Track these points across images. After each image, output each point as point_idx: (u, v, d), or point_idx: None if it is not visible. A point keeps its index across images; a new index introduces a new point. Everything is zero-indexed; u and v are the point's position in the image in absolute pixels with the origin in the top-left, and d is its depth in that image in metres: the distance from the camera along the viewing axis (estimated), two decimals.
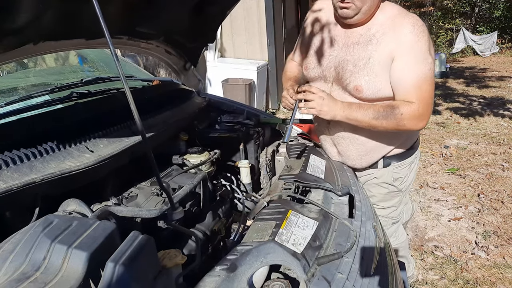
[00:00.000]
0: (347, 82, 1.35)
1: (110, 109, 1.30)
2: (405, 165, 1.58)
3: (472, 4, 14.47)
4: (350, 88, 1.35)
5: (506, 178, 3.47)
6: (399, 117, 1.27)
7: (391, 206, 1.66)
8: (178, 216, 0.88)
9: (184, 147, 1.48)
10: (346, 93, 1.38)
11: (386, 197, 1.63)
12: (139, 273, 0.67)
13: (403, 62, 1.27)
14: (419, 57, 1.27)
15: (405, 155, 1.56)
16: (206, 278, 0.77)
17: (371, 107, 1.31)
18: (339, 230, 1.01)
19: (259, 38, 5.94)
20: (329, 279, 0.80)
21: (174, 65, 1.98)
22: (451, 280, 2.22)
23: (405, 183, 1.63)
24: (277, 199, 1.15)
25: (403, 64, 1.27)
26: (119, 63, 0.70)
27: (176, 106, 1.59)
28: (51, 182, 0.90)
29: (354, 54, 1.33)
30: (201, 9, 1.61)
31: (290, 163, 1.41)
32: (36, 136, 1.00)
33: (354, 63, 1.33)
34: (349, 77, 1.34)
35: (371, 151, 1.50)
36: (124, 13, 1.29)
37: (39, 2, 0.94)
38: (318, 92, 1.31)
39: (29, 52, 1.19)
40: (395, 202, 1.66)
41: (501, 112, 5.64)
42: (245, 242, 0.88)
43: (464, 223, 2.81)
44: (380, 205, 1.64)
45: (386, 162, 1.55)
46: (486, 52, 11.78)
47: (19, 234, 0.74)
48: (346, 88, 1.37)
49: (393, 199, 1.64)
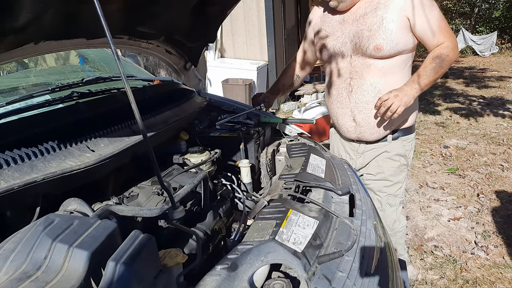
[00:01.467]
0: (366, 46, 1.52)
1: (111, 109, 1.30)
2: (410, 140, 1.74)
3: (472, 4, 14.48)
4: (370, 51, 1.52)
5: (505, 178, 3.48)
6: (447, 59, 1.49)
7: (399, 181, 1.77)
8: (179, 215, 0.88)
9: (184, 147, 1.48)
10: (367, 57, 1.55)
11: (397, 171, 1.75)
12: (140, 272, 0.67)
13: (422, 16, 1.48)
14: (430, 5, 1.48)
15: (410, 130, 1.73)
16: (207, 277, 0.77)
17: (426, 69, 1.50)
18: (340, 229, 1.01)
19: (259, 38, 5.95)
20: (329, 277, 0.80)
21: (174, 65, 1.99)
22: (451, 280, 2.22)
23: (409, 158, 1.77)
24: (277, 198, 1.15)
25: (423, 17, 1.48)
26: (120, 62, 0.70)
27: (177, 105, 1.59)
28: (52, 182, 0.90)
29: (366, 22, 1.52)
30: (202, 9, 1.62)
31: (290, 163, 1.41)
32: (37, 136, 1.00)
33: (369, 29, 1.51)
34: (367, 41, 1.52)
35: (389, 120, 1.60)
36: (125, 13, 1.29)
37: (40, 1, 0.94)
38: (388, 95, 1.48)
39: (29, 51, 1.19)
40: (402, 177, 1.77)
41: (501, 112, 5.64)
42: (245, 241, 0.88)
43: (464, 223, 2.81)
44: (390, 180, 1.75)
45: (395, 135, 1.71)
46: (486, 53, 11.79)
47: (20, 233, 0.74)
48: (365, 52, 1.54)
49: (401, 174, 1.76)
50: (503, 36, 13.31)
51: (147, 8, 1.37)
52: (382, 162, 1.74)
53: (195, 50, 1.94)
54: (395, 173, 1.75)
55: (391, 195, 1.78)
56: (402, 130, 1.72)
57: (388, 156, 1.73)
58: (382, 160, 1.74)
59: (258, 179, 1.60)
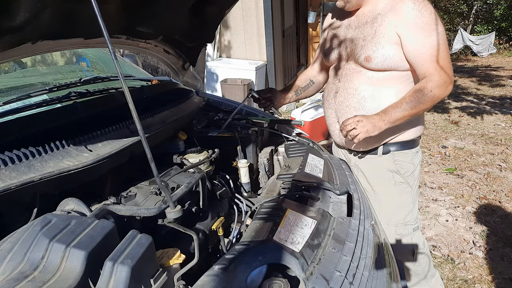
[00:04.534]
0: (358, 55, 1.48)
1: (109, 109, 1.30)
2: (407, 156, 1.58)
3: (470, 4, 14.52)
4: (361, 60, 1.48)
5: (503, 178, 3.49)
6: (430, 95, 1.36)
7: (403, 204, 1.60)
8: (176, 215, 0.88)
9: (182, 147, 1.48)
10: (359, 66, 1.51)
11: (394, 190, 1.59)
12: (138, 272, 0.67)
13: (413, 39, 1.37)
14: (427, 30, 1.35)
15: (407, 144, 1.58)
16: (205, 277, 0.76)
17: (403, 101, 1.40)
18: (338, 228, 1.01)
19: (258, 38, 5.95)
20: (327, 277, 0.80)
21: (172, 64, 1.98)
22: (449, 279, 2.23)
23: (411, 177, 1.60)
24: (275, 198, 1.15)
25: (414, 41, 1.37)
26: (118, 62, 0.70)
27: (175, 105, 1.59)
28: (49, 181, 0.90)
29: (364, 32, 1.47)
30: (200, 9, 1.61)
31: (288, 162, 1.41)
32: (34, 135, 1.00)
33: (363, 38, 1.47)
34: (360, 50, 1.47)
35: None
36: (123, 13, 1.29)
37: (37, 1, 0.94)
38: (352, 120, 1.40)
39: (27, 51, 1.19)
40: (406, 200, 1.60)
41: (499, 112, 5.66)
42: (243, 241, 0.88)
43: (462, 223, 2.82)
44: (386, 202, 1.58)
45: (386, 149, 1.58)
46: (484, 53, 11.82)
47: (17, 233, 0.74)
48: (358, 60, 1.50)
49: (403, 195, 1.59)
50: (501, 37, 13.35)
51: (145, 7, 1.36)
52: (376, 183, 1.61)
53: (194, 50, 1.94)
54: (392, 193, 1.59)
55: (399, 223, 1.60)
56: (397, 144, 1.57)
57: (379, 172, 1.60)
58: (375, 180, 1.61)
59: (256, 179, 1.60)
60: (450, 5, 14.38)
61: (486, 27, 14.08)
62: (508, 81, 7.87)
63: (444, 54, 1.38)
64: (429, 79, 1.36)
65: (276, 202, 1.09)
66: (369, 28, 1.45)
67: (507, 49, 12.50)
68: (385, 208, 1.59)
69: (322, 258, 0.86)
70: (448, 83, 1.38)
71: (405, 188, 1.60)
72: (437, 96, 1.37)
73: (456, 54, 12.20)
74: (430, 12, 1.36)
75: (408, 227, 1.63)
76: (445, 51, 1.38)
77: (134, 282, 0.66)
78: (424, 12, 1.35)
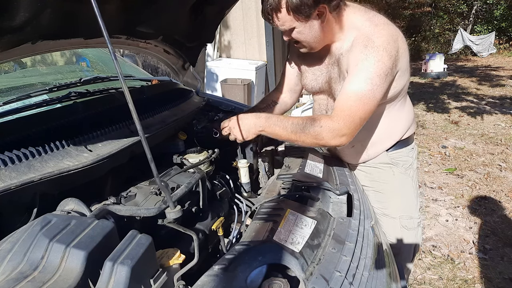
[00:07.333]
0: (336, 94, 1.39)
1: (109, 109, 1.30)
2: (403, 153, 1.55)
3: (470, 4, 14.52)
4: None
5: (503, 178, 3.49)
6: (317, 130, 1.23)
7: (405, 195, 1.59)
8: (176, 215, 0.88)
9: (183, 147, 1.48)
10: None
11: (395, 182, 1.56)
12: (138, 272, 0.67)
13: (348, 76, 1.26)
14: (361, 76, 1.22)
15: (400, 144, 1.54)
16: (205, 277, 0.76)
17: (292, 119, 1.30)
18: (338, 228, 1.01)
19: (258, 38, 5.95)
20: (327, 277, 0.80)
21: (172, 64, 1.98)
22: (449, 279, 2.23)
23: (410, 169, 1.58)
24: (275, 198, 1.15)
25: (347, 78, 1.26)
26: (118, 62, 0.70)
27: (175, 105, 1.59)
28: (49, 181, 0.90)
29: (334, 72, 1.39)
30: (200, 9, 1.61)
31: (288, 163, 1.41)
32: (34, 135, 1.00)
33: (335, 80, 1.39)
34: (336, 90, 1.39)
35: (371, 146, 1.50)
36: (123, 13, 1.29)
37: (37, 1, 0.94)
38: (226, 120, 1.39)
39: (27, 51, 1.19)
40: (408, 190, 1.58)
41: (499, 112, 5.66)
42: (243, 241, 0.88)
43: (462, 223, 2.82)
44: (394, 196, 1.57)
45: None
46: (484, 53, 11.83)
47: (17, 233, 0.74)
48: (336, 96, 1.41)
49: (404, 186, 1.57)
50: (501, 37, 13.35)
51: (145, 7, 1.36)
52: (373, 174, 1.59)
53: (194, 50, 1.94)
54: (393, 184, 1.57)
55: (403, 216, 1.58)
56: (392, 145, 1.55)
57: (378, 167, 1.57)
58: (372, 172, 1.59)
59: (256, 179, 1.60)
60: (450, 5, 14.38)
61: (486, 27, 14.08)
62: (508, 81, 7.87)
63: (361, 108, 1.22)
64: (330, 118, 1.25)
65: (276, 202, 1.09)
66: (337, 68, 1.36)
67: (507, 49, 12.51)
68: (388, 201, 1.59)
69: (322, 258, 0.87)
70: (342, 135, 1.24)
71: (405, 179, 1.58)
72: (322, 136, 1.24)
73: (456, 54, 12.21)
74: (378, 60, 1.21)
75: (414, 220, 1.61)
76: (363, 105, 1.22)
77: (134, 282, 0.66)
78: (370, 58, 1.21)
